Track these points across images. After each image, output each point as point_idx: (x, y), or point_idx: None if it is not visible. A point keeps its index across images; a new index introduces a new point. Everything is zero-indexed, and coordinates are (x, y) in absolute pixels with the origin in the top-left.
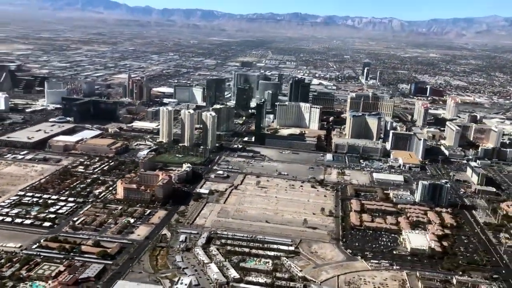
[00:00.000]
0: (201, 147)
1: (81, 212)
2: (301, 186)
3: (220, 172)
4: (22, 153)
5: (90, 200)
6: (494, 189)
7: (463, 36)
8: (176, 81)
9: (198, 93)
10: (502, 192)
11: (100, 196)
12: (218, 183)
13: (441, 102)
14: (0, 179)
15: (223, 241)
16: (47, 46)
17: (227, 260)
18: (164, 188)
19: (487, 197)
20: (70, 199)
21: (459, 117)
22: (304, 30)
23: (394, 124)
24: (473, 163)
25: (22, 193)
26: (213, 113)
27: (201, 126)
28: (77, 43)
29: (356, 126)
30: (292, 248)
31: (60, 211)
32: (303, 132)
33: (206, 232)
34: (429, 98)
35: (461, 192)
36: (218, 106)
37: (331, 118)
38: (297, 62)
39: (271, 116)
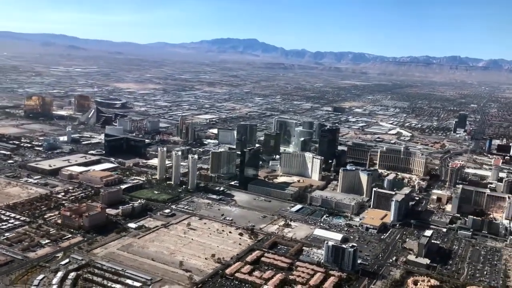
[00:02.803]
0: (183, 186)
1: (16, 230)
2: (230, 232)
3: (167, 210)
4: (35, 177)
5: (35, 221)
6: (427, 261)
7: None
8: (248, 123)
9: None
10: (442, 267)
11: (46, 219)
12: (157, 220)
13: None
14: None
15: (89, 269)
16: (173, 87)
17: (74, 286)
18: (91, 218)
19: (407, 268)
20: (22, 218)
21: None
22: (456, 75)
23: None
24: (428, 232)
25: None
26: (195, 156)
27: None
28: (203, 84)
29: (348, 180)
30: (139, 284)
31: (2, 227)
32: (298, 181)
33: (84, 260)
34: (506, 157)
35: (391, 260)
36: (218, 150)
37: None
38: (403, 109)
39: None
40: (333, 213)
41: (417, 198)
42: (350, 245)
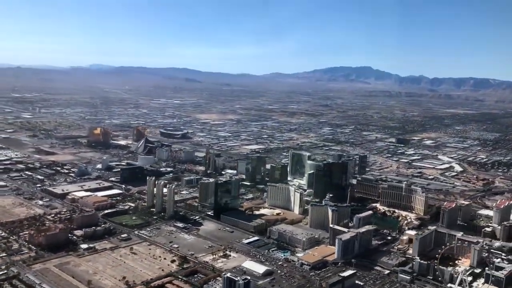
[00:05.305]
0: (161, 213)
1: None
2: (165, 258)
3: (124, 235)
4: (45, 200)
5: (9, 237)
6: None
7: None
8: (285, 154)
9: None
10: None
11: (20, 236)
12: (110, 243)
13: None
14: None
15: (13, 281)
16: (250, 117)
17: None
18: (47, 237)
19: None
20: (3, 234)
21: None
22: None
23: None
24: (348, 272)
25: None
26: (173, 185)
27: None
28: (285, 114)
29: (317, 216)
30: None
31: None
32: (278, 213)
33: (13, 273)
34: None
35: None
36: (206, 181)
37: None
38: (485, 141)
39: None
40: (283, 247)
41: (389, 238)
42: (243, 277)
